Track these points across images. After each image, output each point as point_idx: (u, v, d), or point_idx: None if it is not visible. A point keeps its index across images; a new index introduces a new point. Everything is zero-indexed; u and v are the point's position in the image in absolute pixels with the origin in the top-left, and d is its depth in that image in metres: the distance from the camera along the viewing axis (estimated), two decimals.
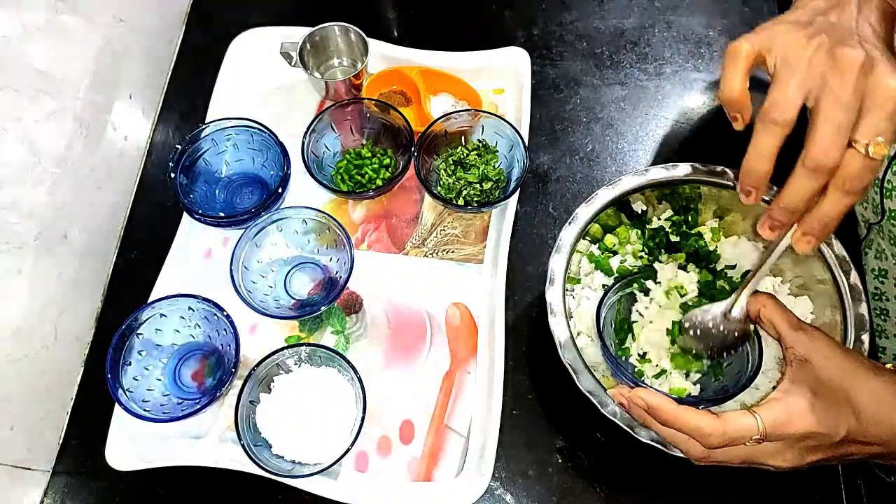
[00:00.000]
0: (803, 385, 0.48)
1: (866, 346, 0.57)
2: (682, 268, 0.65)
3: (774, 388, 0.50)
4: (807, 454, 0.47)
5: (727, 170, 0.65)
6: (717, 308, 0.57)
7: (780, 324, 0.52)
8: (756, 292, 0.55)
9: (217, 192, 0.76)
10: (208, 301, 0.65)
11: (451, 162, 0.75)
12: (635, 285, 0.64)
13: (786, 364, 0.50)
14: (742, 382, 0.55)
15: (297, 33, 0.79)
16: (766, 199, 0.60)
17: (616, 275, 0.65)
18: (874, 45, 0.46)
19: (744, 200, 0.49)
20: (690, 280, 0.64)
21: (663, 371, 0.61)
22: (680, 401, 0.50)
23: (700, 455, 0.49)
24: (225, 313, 0.64)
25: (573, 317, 0.65)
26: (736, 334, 0.56)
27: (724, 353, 0.58)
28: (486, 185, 0.74)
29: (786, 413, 0.47)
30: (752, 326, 0.56)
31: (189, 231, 0.75)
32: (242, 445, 0.60)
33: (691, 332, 0.58)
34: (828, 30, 0.47)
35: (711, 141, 0.79)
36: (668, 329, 0.62)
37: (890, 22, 0.49)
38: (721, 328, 0.57)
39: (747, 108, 0.49)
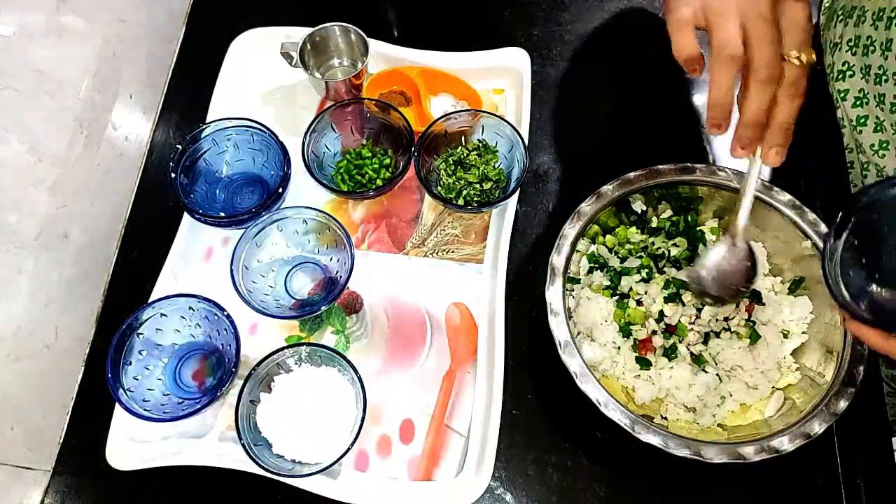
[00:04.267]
0: None
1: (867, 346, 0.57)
2: (679, 267, 0.65)
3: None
4: None
5: (727, 169, 0.65)
6: (719, 248, 0.58)
7: None
8: None
9: (217, 192, 0.76)
10: (209, 301, 0.65)
11: (451, 162, 0.75)
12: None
13: None
14: None
15: (298, 33, 0.79)
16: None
17: (615, 269, 0.66)
18: None
19: (713, 133, 0.55)
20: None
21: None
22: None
23: None
24: (225, 313, 0.64)
25: (573, 317, 0.65)
26: (747, 263, 0.58)
27: (744, 287, 0.59)
28: (486, 185, 0.74)
29: None
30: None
31: (189, 231, 0.75)
32: (243, 445, 0.60)
33: (707, 278, 0.59)
34: None
35: (711, 141, 0.79)
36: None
37: None
38: (733, 261, 0.58)
39: (702, 59, 0.55)
